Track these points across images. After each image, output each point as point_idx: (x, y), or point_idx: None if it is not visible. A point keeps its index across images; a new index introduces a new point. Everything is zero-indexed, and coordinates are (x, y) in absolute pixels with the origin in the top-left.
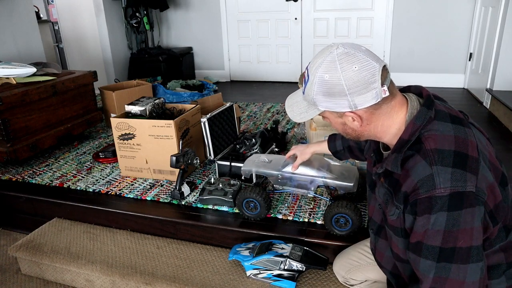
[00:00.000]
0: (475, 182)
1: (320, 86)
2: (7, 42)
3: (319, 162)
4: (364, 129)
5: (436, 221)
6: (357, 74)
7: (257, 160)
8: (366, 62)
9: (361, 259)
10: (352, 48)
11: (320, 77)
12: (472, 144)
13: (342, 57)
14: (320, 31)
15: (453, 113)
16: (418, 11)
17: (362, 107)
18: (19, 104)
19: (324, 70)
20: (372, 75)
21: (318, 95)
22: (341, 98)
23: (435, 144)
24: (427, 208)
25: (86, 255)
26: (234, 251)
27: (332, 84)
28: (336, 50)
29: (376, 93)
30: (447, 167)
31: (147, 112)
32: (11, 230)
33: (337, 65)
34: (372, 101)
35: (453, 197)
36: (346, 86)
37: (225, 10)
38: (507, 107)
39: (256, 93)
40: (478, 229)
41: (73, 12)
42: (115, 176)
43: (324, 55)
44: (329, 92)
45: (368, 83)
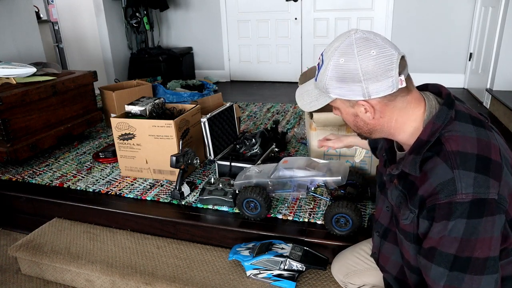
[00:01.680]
0: (497, 189)
1: (334, 71)
2: (7, 42)
3: (305, 162)
4: (377, 123)
5: (454, 228)
6: (374, 60)
7: (247, 173)
8: (384, 49)
9: (358, 264)
10: (371, 34)
11: (336, 61)
12: (495, 148)
13: (359, 41)
14: (320, 31)
15: (474, 114)
16: (418, 11)
17: (376, 96)
18: (19, 104)
19: (340, 54)
20: (390, 62)
21: (332, 80)
22: (355, 84)
23: (457, 146)
24: (446, 214)
25: (86, 255)
26: (234, 251)
27: (347, 69)
28: (355, 35)
29: (392, 82)
30: (469, 171)
31: (147, 112)
32: (11, 230)
33: (354, 49)
34: (388, 90)
35: (475, 204)
36: (362, 71)
37: (225, 10)
38: (507, 107)
39: (256, 93)
40: (497, 239)
41: (73, 12)
42: (115, 176)
43: (342, 39)
44: (343, 78)
45: (385, 70)
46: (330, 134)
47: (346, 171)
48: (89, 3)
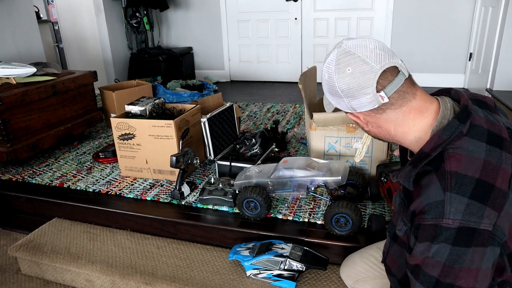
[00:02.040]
0: (494, 219)
1: (325, 85)
2: (7, 42)
3: (305, 162)
4: (377, 131)
5: (437, 252)
6: (350, 77)
7: (247, 173)
8: (363, 65)
9: (368, 271)
10: (356, 46)
11: (323, 76)
12: (504, 174)
13: (340, 57)
14: (320, 31)
15: (495, 131)
16: (418, 11)
17: (360, 110)
18: (19, 104)
19: (325, 69)
20: (365, 80)
21: (326, 92)
22: (340, 99)
23: (457, 166)
24: (430, 236)
25: (86, 255)
26: (234, 251)
27: (330, 84)
28: (338, 48)
29: (371, 98)
30: (463, 196)
31: (147, 112)
32: (11, 230)
33: (333, 66)
34: (369, 106)
35: (462, 231)
36: (339, 89)
37: (225, 10)
38: (507, 107)
39: (256, 93)
40: (486, 272)
41: (73, 12)
42: (115, 176)
43: (330, 53)
44: (331, 92)
45: (359, 88)
46: None
47: (346, 171)
48: (89, 3)
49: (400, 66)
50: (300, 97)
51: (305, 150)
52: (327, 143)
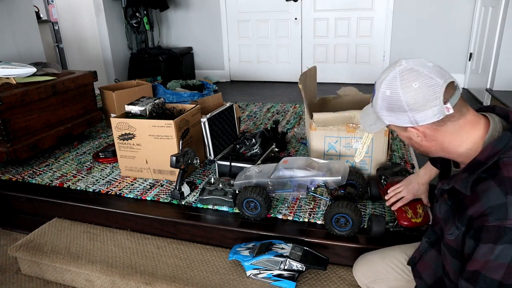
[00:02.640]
0: None
1: (383, 101)
2: (7, 42)
3: (305, 162)
4: (430, 145)
5: (501, 253)
6: (417, 91)
7: (247, 173)
8: (428, 79)
9: (389, 273)
10: (417, 65)
11: (383, 92)
12: None
13: (404, 73)
14: (320, 31)
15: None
16: (418, 11)
17: (423, 123)
18: (19, 104)
19: (386, 86)
20: (433, 93)
21: (382, 109)
22: (402, 114)
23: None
24: (494, 237)
25: (86, 255)
26: (234, 251)
27: (393, 100)
28: (399, 67)
29: (437, 110)
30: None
31: (147, 112)
32: (11, 230)
33: (398, 82)
34: (434, 118)
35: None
36: (406, 103)
37: (225, 10)
38: (507, 107)
39: (256, 93)
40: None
41: (73, 12)
42: (115, 176)
43: (389, 70)
44: (391, 108)
45: (427, 100)
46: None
47: (346, 171)
48: (89, 3)
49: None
50: (300, 97)
51: (305, 150)
52: (327, 143)
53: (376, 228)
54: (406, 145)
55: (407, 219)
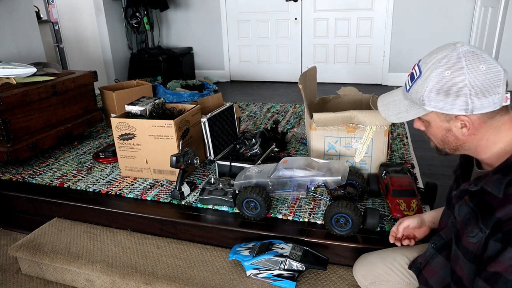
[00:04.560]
0: None
1: (438, 83)
2: (7, 42)
3: (305, 162)
4: (468, 139)
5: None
6: (484, 75)
7: (247, 173)
8: (493, 64)
9: (390, 275)
10: (478, 49)
11: (440, 73)
12: None
13: (468, 55)
14: (320, 31)
15: None
16: (418, 11)
17: (479, 112)
18: (19, 104)
19: (445, 66)
20: (498, 79)
21: (432, 92)
22: (460, 98)
23: None
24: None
25: (86, 255)
26: (234, 251)
27: (453, 82)
28: (462, 48)
29: (498, 99)
30: None
31: (147, 112)
32: (11, 230)
33: (462, 63)
34: (492, 107)
35: None
36: (470, 86)
37: (225, 10)
38: None
39: (256, 93)
40: None
41: (73, 12)
42: (115, 176)
43: (446, 51)
44: (447, 91)
45: (493, 86)
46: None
47: (346, 171)
48: (89, 3)
49: None
50: (300, 97)
51: (305, 150)
52: (327, 143)
53: (370, 220)
54: (405, 145)
55: (399, 211)
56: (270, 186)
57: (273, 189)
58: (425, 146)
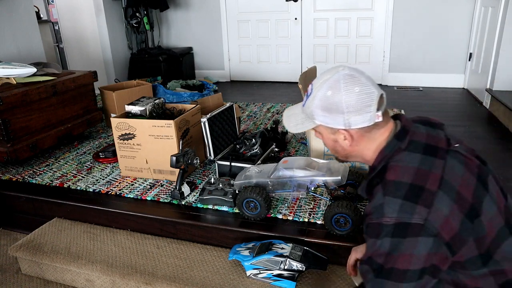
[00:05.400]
0: (425, 215)
1: (321, 101)
2: (7, 42)
3: (305, 162)
4: (353, 149)
5: (381, 245)
6: (357, 96)
7: (247, 173)
8: (367, 87)
9: None
10: (357, 72)
11: (324, 92)
12: (434, 177)
13: (346, 78)
14: (320, 31)
15: (431, 143)
16: (418, 11)
17: (355, 127)
18: (19, 104)
19: (328, 87)
20: (370, 99)
21: (318, 108)
22: (338, 115)
23: (395, 175)
24: (375, 233)
25: (86, 255)
26: (234, 251)
27: (333, 101)
28: (343, 71)
29: (370, 116)
30: (397, 198)
31: (147, 112)
32: (11, 230)
33: (341, 84)
34: (366, 123)
35: (398, 226)
36: (345, 104)
37: (225, 10)
38: (507, 107)
39: (256, 93)
40: (420, 256)
41: (73, 12)
42: (115, 176)
43: (331, 73)
44: (328, 108)
45: (365, 105)
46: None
47: (346, 171)
48: (89, 3)
49: (384, 95)
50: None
51: (305, 150)
52: None
53: None
54: None
55: None
56: (270, 186)
57: (273, 189)
58: None
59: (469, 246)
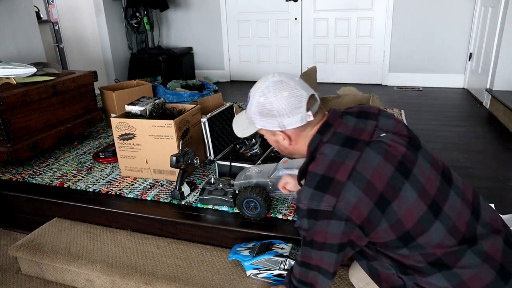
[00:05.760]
0: (333, 203)
1: (256, 107)
2: (7, 42)
3: (298, 163)
4: (293, 148)
5: (302, 223)
6: (286, 100)
7: (247, 173)
8: (295, 90)
9: None
10: (286, 77)
11: (257, 99)
12: (345, 168)
13: (275, 84)
14: (320, 31)
15: (353, 135)
16: (418, 11)
17: (290, 127)
18: (19, 104)
19: (260, 94)
20: (299, 102)
21: (255, 114)
22: (272, 118)
23: (313, 167)
24: (297, 212)
25: (86, 255)
26: (234, 251)
27: (265, 106)
28: (272, 78)
29: (301, 117)
30: (310, 188)
31: (147, 112)
32: (11, 230)
33: (270, 91)
34: (298, 123)
35: (309, 211)
36: (276, 109)
37: (225, 10)
38: (507, 107)
39: None
40: (333, 234)
41: (73, 12)
42: (115, 176)
43: (263, 81)
44: (263, 113)
45: (294, 108)
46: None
47: None
48: (89, 3)
49: (316, 95)
50: None
51: None
52: None
53: None
54: None
55: None
56: (270, 186)
57: (273, 189)
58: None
59: (384, 230)
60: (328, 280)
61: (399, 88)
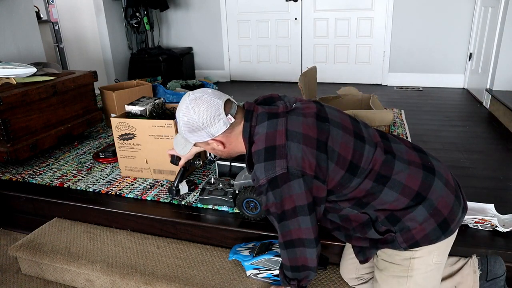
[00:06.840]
0: (285, 164)
1: (185, 126)
2: (7, 42)
3: None
4: (229, 149)
5: (268, 199)
6: (205, 112)
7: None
8: (211, 101)
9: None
10: (200, 93)
11: (182, 119)
12: (280, 133)
13: (192, 102)
14: (320, 31)
15: (272, 111)
16: (417, 11)
17: (218, 133)
18: (19, 104)
19: (183, 114)
20: (216, 110)
21: (186, 132)
22: (200, 131)
23: (255, 147)
24: (261, 192)
25: (86, 255)
26: (234, 251)
27: (191, 123)
28: (188, 97)
29: (224, 122)
30: (261, 163)
31: (147, 112)
32: (11, 230)
33: (190, 109)
34: (223, 128)
35: (271, 181)
36: (200, 122)
37: (225, 10)
38: (507, 107)
39: (256, 93)
40: (298, 195)
41: (73, 12)
42: (115, 176)
43: (182, 102)
44: (191, 129)
45: (215, 116)
46: None
47: None
48: (89, 3)
49: (231, 98)
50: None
51: None
52: None
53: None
54: None
55: None
56: None
57: None
58: (426, 146)
59: (333, 170)
60: (315, 248)
61: (399, 88)
